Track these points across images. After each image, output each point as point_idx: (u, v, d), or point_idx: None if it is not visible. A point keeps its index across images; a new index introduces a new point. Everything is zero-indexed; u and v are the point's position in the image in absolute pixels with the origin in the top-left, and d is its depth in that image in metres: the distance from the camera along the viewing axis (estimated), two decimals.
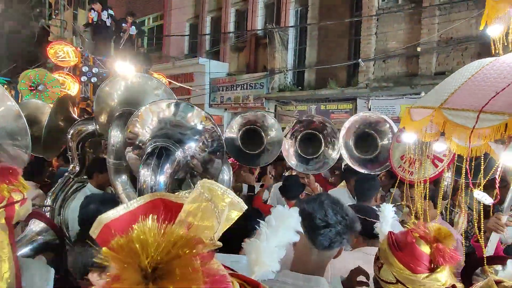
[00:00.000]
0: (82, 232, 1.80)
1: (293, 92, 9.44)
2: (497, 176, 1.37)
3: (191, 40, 12.74)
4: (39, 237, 1.98)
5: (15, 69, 13.64)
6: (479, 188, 1.42)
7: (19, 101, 4.86)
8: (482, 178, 1.34)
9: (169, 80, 9.01)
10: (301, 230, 0.95)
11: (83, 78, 7.38)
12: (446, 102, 1.58)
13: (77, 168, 2.70)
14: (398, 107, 7.59)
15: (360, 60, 8.04)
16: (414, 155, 1.80)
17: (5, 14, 15.58)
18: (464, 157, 1.42)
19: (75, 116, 3.10)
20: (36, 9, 15.07)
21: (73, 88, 7.34)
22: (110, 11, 8.37)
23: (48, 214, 2.47)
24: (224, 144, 1.93)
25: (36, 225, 2.00)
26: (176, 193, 0.63)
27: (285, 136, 3.46)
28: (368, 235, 1.71)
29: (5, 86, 8.27)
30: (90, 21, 8.48)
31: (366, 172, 2.98)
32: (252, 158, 3.48)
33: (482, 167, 1.31)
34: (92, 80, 7.43)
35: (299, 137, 3.54)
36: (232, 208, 0.62)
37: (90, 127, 2.61)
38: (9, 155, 1.97)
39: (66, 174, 2.75)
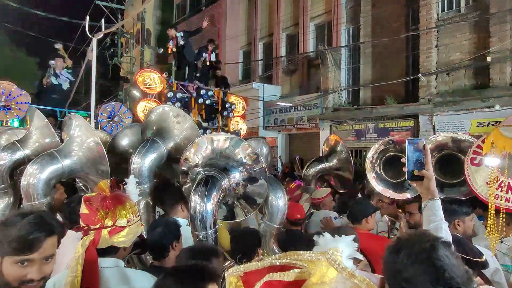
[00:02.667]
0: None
1: (349, 111, 9.24)
2: None
3: (245, 66, 13.31)
4: None
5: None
6: None
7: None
8: None
9: (243, 97, 9.31)
10: None
11: (169, 104, 7.53)
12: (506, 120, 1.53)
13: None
14: (468, 122, 6.96)
15: (420, 74, 7.62)
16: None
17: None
18: None
19: None
20: (110, 50, 17.13)
21: None
22: (180, 33, 8.50)
23: None
24: (266, 170, 2.05)
25: None
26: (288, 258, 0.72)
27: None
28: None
29: (87, 118, 9.41)
30: (170, 52, 8.70)
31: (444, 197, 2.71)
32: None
33: None
34: (176, 106, 7.51)
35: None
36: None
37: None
38: (94, 183, 2.20)
39: None
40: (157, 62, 16.04)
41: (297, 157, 8.68)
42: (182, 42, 8.24)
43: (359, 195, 4.17)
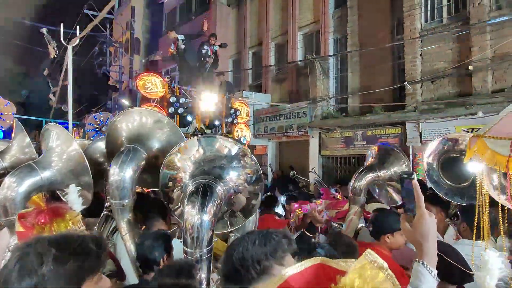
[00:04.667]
0: (142, 266, 1.93)
1: (337, 119, 9.36)
2: None
3: (235, 75, 13.38)
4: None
5: (81, 112, 15.34)
6: None
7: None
8: None
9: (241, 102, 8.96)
10: None
11: (171, 109, 7.04)
12: (489, 130, 1.51)
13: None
14: (453, 129, 7.13)
15: (406, 83, 7.80)
16: None
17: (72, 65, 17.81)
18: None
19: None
20: (98, 59, 17.00)
21: None
22: (181, 36, 8.14)
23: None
24: (262, 178, 1.84)
25: None
26: (337, 260, 0.72)
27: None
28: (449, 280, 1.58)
29: (74, 128, 9.26)
30: (170, 55, 8.35)
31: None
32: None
33: None
34: (179, 111, 7.11)
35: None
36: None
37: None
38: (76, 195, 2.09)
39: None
40: (147, 71, 15.97)
41: (292, 171, 8.57)
42: (183, 46, 7.94)
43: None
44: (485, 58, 6.82)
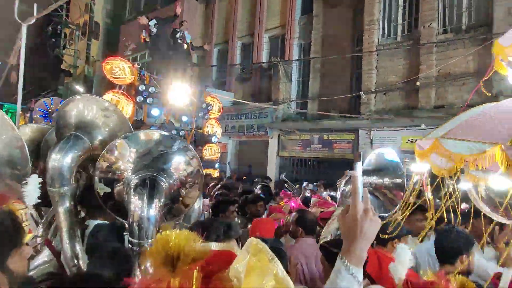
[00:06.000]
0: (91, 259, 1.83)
1: (297, 122, 9.67)
2: None
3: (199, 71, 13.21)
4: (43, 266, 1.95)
5: (27, 95, 14.13)
6: None
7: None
8: None
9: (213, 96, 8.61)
10: None
11: (139, 98, 6.72)
12: (447, 134, 1.74)
13: None
14: (400, 138, 7.74)
15: (361, 92, 8.31)
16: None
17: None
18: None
19: None
20: (51, 39, 15.81)
21: (126, 109, 6.57)
22: (152, 20, 7.52)
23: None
24: (203, 174, 1.94)
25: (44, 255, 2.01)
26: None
27: None
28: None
29: (21, 113, 8.50)
30: (143, 41, 7.80)
31: None
32: None
33: None
34: (148, 101, 6.79)
35: None
36: (274, 279, 0.65)
37: None
38: (5, 183, 1.97)
39: None
40: (105, 59, 15.17)
41: (283, 176, 7.76)
42: (155, 30, 7.40)
43: None
44: (431, 76, 7.50)
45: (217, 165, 8.43)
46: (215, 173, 8.28)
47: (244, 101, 9.62)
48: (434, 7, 7.54)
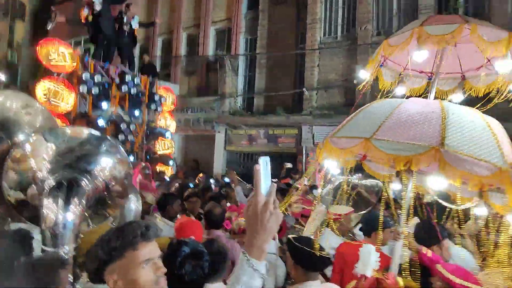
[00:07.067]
0: None
1: (243, 117, 9.71)
2: None
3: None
4: None
5: None
6: None
7: None
8: None
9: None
10: None
11: (82, 88, 6.02)
12: (375, 134, 1.89)
13: None
14: None
15: (304, 89, 8.60)
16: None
17: None
18: None
19: None
20: None
21: (68, 100, 5.86)
22: None
23: None
24: (131, 172, 1.90)
25: None
26: None
27: None
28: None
29: None
30: (84, 21, 6.79)
31: None
32: None
33: None
34: (93, 92, 6.12)
35: None
36: None
37: None
38: None
39: None
40: (34, 43, 13.65)
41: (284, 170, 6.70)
42: (98, 8, 6.56)
43: None
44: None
45: (171, 162, 8.04)
46: (169, 170, 7.89)
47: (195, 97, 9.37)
48: (369, 10, 8.03)
